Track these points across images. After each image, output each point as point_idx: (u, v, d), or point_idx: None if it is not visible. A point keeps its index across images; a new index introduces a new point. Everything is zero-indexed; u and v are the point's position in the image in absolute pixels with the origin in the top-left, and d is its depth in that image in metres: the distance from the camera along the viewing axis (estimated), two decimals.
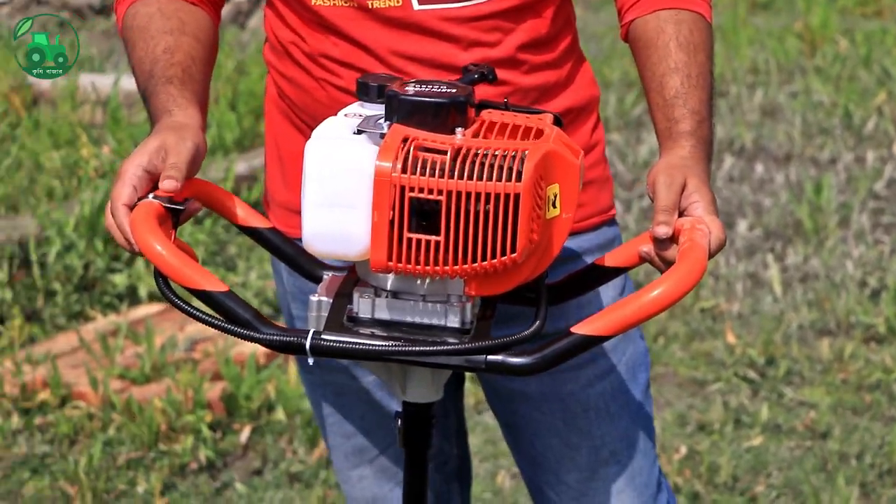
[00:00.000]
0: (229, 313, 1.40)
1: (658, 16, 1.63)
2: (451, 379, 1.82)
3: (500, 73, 1.61)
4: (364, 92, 1.44)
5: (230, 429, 3.35)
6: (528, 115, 1.48)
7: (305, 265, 1.59)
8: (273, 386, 3.42)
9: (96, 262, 4.03)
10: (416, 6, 1.61)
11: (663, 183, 1.49)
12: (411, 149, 1.35)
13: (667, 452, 3.26)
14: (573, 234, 1.67)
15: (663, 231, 1.45)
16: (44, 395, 3.41)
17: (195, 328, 3.81)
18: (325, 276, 1.53)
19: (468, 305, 1.42)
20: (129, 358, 3.59)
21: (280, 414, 3.35)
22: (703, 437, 3.33)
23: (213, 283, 1.40)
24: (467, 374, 1.89)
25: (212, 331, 3.79)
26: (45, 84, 5.71)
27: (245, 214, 1.59)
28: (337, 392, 1.80)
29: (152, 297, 4.03)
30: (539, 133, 1.43)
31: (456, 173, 1.34)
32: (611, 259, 1.55)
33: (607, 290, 1.74)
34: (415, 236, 1.36)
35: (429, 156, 1.35)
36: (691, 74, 1.58)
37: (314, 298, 1.45)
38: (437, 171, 1.34)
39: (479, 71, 1.53)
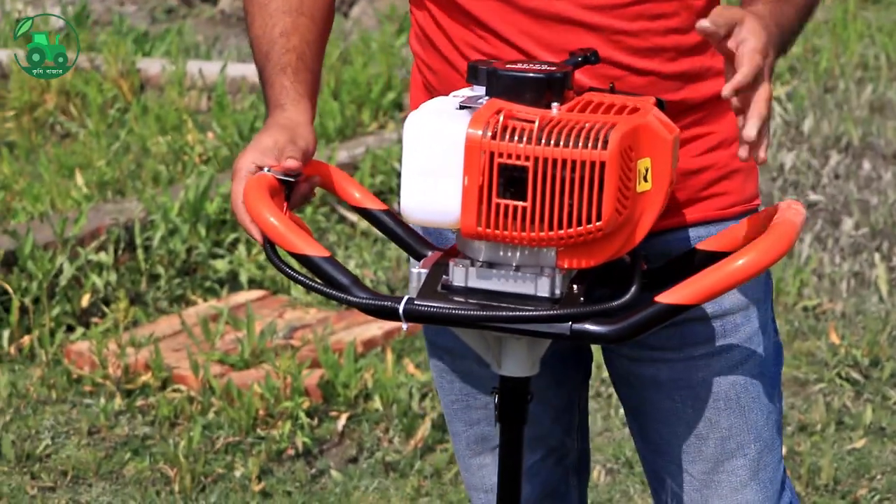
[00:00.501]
0: (328, 277, 1.46)
1: None
2: (577, 373, 1.83)
3: (643, 63, 1.61)
4: (473, 75, 1.50)
5: (327, 416, 3.37)
6: (631, 97, 1.51)
7: (415, 246, 1.64)
8: (370, 375, 3.44)
9: (199, 248, 4.08)
10: None
11: (720, 7, 1.48)
12: (501, 117, 1.41)
13: None
14: (716, 221, 1.68)
15: (702, 24, 1.43)
16: (146, 378, 3.47)
17: (294, 315, 3.84)
18: (428, 254, 1.58)
19: (558, 276, 1.45)
20: (229, 343, 3.63)
21: (377, 403, 3.37)
22: (805, 437, 3.28)
23: (315, 248, 1.46)
24: (594, 366, 1.88)
25: (311, 318, 3.83)
26: (153, 70, 5.79)
27: (361, 196, 1.67)
28: (463, 379, 1.80)
29: (253, 283, 4.07)
30: (634, 110, 1.46)
31: (543, 140, 1.39)
32: (714, 243, 1.56)
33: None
34: (503, 202, 1.41)
35: (518, 124, 1.41)
36: None
37: (414, 271, 1.50)
38: (524, 139, 1.40)
39: (583, 54, 1.55)
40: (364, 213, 1.68)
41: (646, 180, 1.44)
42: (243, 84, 5.64)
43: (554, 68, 1.47)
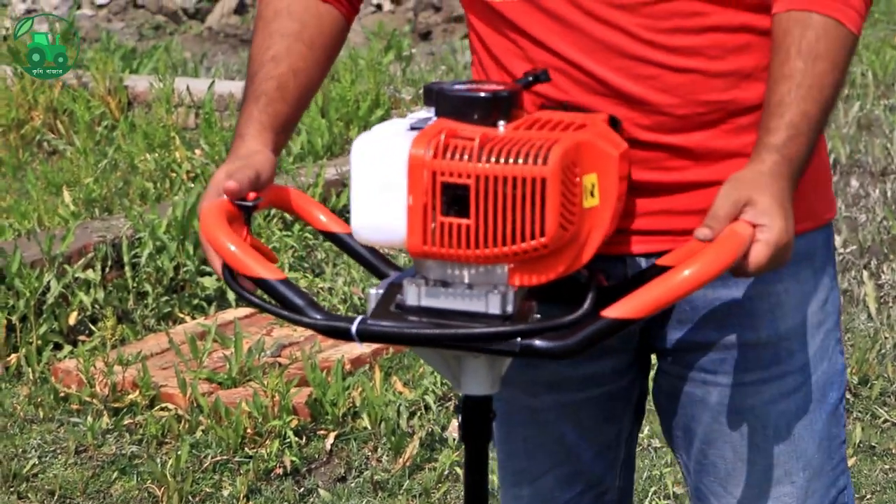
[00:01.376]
0: (284, 299, 1.48)
1: (790, 16, 1.54)
2: (626, 407, 1.79)
3: (684, 61, 1.58)
4: (426, 96, 1.52)
5: (315, 434, 3.36)
6: (583, 115, 1.52)
7: (381, 268, 1.65)
8: (359, 393, 3.43)
9: (187, 265, 4.07)
10: None
11: (724, 193, 1.46)
12: (443, 136, 1.42)
13: None
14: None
15: (702, 234, 1.43)
16: (133, 396, 3.45)
17: (282, 333, 3.83)
18: (391, 275, 1.59)
19: (510, 293, 1.45)
20: (217, 361, 3.62)
21: (365, 421, 3.36)
22: None
23: (270, 271, 1.49)
24: (647, 405, 1.85)
25: (299, 336, 3.82)
26: (141, 87, 5.79)
27: (327, 220, 1.68)
28: (508, 410, 1.78)
29: (241, 301, 4.06)
30: (581, 127, 1.47)
31: (484, 158, 1.40)
32: (672, 258, 1.54)
33: (799, 297, 1.68)
34: (447, 220, 1.42)
35: (460, 142, 1.42)
36: (802, 84, 1.51)
37: (372, 292, 1.51)
38: (465, 157, 1.41)
39: (534, 73, 1.56)
40: (329, 236, 1.68)
41: (592, 196, 1.45)
42: (231, 101, 5.63)
43: (501, 88, 1.48)
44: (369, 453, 3.30)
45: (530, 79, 1.55)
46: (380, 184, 1.46)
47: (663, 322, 1.68)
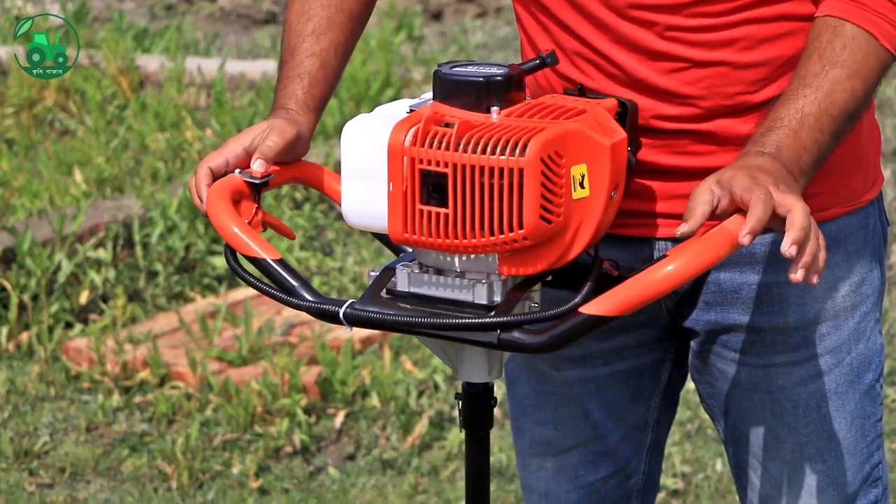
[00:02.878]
0: (278, 280, 1.49)
1: (825, 21, 1.53)
2: (654, 388, 1.78)
3: (713, 54, 1.56)
4: (433, 79, 1.51)
5: (324, 413, 3.37)
6: (587, 101, 1.50)
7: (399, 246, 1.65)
8: (368, 372, 3.44)
9: (197, 244, 4.09)
10: None
11: (702, 185, 1.43)
12: (421, 123, 1.41)
13: None
14: None
15: (679, 231, 1.40)
16: (144, 375, 3.47)
17: (292, 312, 3.85)
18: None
19: (497, 283, 1.44)
20: (227, 340, 3.63)
21: (374, 400, 3.37)
22: None
23: (266, 251, 1.49)
24: (680, 390, 1.84)
25: (308, 315, 3.83)
26: (152, 66, 5.80)
27: None
28: (539, 378, 1.78)
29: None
30: (578, 114, 1.44)
31: (461, 147, 1.39)
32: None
33: (830, 282, 1.66)
34: (426, 208, 1.41)
35: (439, 129, 1.41)
36: (810, 85, 1.49)
37: (371, 273, 1.51)
38: (443, 145, 1.40)
39: (541, 56, 1.54)
40: None
41: (582, 186, 1.42)
42: (242, 81, 5.64)
43: (497, 72, 1.46)
44: (378, 432, 3.31)
45: (537, 62, 1.53)
46: (365, 169, 1.46)
47: (691, 304, 1.67)
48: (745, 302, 1.65)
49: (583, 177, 1.42)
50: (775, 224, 1.40)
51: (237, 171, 1.56)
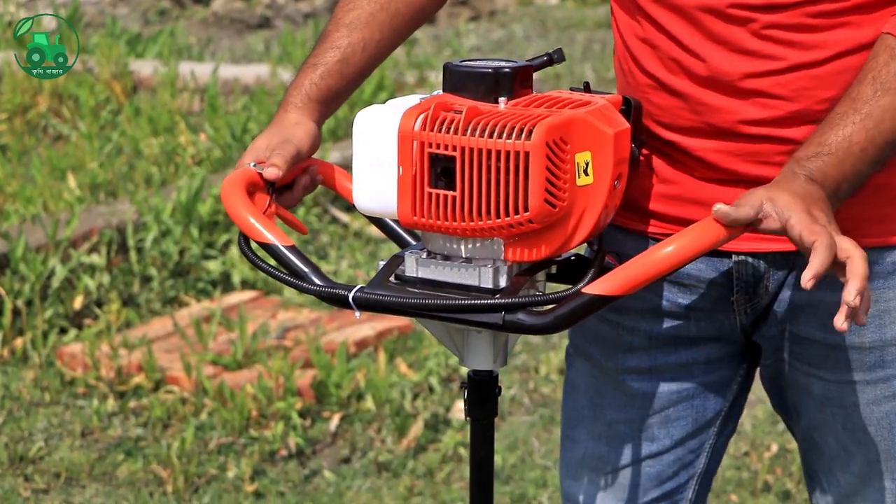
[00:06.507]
0: (289, 265, 1.51)
1: (885, 40, 1.49)
2: (720, 412, 1.73)
3: (808, 56, 1.53)
4: (443, 72, 1.55)
5: (319, 416, 3.37)
6: (595, 95, 1.53)
7: (403, 237, 1.66)
8: (363, 375, 3.44)
9: (191, 249, 4.09)
10: None
11: (756, 195, 1.42)
12: (431, 108, 1.44)
13: (757, 450, 3.22)
14: (877, 248, 1.57)
15: (719, 209, 1.41)
16: (138, 379, 3.47)
17: (287, 316, 3.84)
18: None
19: (503, 268, 1.47)
20: (222, 344, 3.63)
21: (369, 403, 3.37)
22: None
23: (278, 237, 1.52)
24: (748, 398, 1.80)
25: (303, 318, 3.84)
26: (145, 71, 5.80)
27: None
28: (598, 391, 1.75)
29: (245, 284, 4.07)
30: (583, 105, 1.48)
31: (469, 131, 1.42)
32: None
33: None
34: (434, 191, 1.44)
35: (448, 115, 1.44)
36: (860, 110, 1.46)
37: (381, 262, 1.54)
38: (452, 129, 1.43)
39: (548, 53, 1.58)
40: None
41: (586, 174, 1.45)
42: (236, 85, 5.64)
43: (505, 65, 1.49)
44: (373, 434, 3.31)
45: (545, 58, 1.57)
46: (377, 155, 1.49)
47: (766, 318, 1.66)
48: (821, 318, 1.61)
49: (587, 164, 1.45)
50: (833, 268, 1.39)
51: (251, 164, 1.58)
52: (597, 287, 1.42)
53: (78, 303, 3.82)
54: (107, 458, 3.24)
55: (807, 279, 1.36)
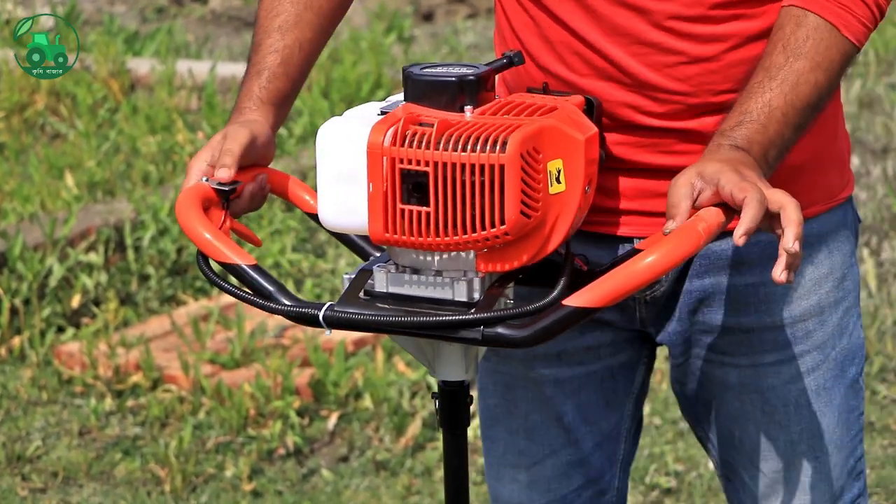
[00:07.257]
0: (254, 285, 1.47)
1: (789, 11, 1.53)
2: (628, 392, 1.76)
3: (706, 49, 1.56)
4: (403, 80, 1.51)
5: (317, 415, 3.37)
6: (558, 98, 1.51)
7: (369, 250, 1.64)
8: (361, 373, 3.44)
9: (189, 247, 4.08)
10: None
11: (674, 181, 1.43)
12: (401, 123, 1.41)
13: None
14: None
15: (667, 228, 1.42)
16: (136, 378, 3.47)
17: None
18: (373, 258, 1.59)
19: (476, 280, 1.45)
20: (220, 343, 3.63)
21: (367, 401, 3.38)
22: None
23: (241, 256, 1.48)
24: (650, 389, 1.82)
25: None
26: (143, 70, 5.79)
27: (314, 202, 1.64)
28: (507, 386, 1.76)
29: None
30: (550, 110, 1.46)
31: (442, 145, 1.39)
32: (649, 243, 1.51)
33: (814, 279, 1.66)
34: (407, 207, 1.41)
35: (419, 129, 1.41)
36: (775, 77, 1.50)
37: (345, 277, 1.51)
38: (424, 144, 1.40)
39: (507, 55, 1.54)
40: (315, 218, 1.64)
41: (559, 181, 1.43)
42: (233, 83, 5.64)
43: (468, 72, 1.46)
44: (371, 433, 3.31)
45: (504, 61, 1.53)
46: (343, 170, 1.45)
47: (669, 315, 1.67)
48: (732, 303, 1.64)
49: (559, 171, 1.43)
50: (765, 222, 1.40)
51: (204, 178, 1.54)
52: (578, 299, 1.39)
53: (75, 301, 3.82)
54: (104, 457, 3.24)
55: (738, 235, 1.37)
